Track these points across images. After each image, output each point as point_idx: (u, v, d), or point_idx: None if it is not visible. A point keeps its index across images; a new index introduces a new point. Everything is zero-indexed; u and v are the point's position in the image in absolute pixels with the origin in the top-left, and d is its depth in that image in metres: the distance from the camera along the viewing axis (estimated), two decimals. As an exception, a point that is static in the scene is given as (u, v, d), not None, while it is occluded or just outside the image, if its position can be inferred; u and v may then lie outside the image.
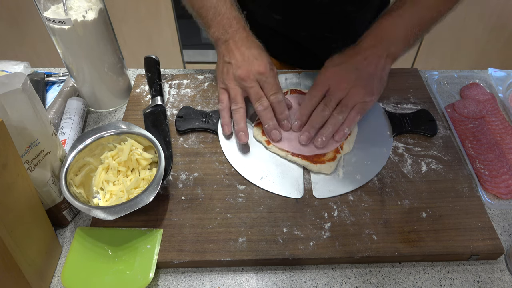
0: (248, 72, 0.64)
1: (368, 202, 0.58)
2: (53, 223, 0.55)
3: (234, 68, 0.65)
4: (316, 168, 0.61)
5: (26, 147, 0.49)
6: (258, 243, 0.53)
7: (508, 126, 0.69)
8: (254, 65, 0.64)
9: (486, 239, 0.53)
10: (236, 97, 0.65)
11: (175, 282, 0.52)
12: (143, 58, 0.78)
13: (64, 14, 0.61)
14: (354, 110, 0.63)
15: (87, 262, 0.52)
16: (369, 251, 0.52)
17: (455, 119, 0.71)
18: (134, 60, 1.89)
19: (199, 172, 0.62)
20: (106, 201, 0.57)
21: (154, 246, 0.53)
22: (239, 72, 0.64)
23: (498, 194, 0.60)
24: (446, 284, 0.52)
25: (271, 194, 0.59)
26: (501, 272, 0.53)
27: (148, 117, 0.70)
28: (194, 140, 0.67)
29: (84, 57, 0.67)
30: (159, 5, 1.73)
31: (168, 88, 0.77)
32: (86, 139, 0.58)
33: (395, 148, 0.66)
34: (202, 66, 2.02)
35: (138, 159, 0.59)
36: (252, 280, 0.52)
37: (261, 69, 0.64)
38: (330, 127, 0.63)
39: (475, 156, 0.64)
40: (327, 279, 0.52)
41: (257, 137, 0.66)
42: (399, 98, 0.74)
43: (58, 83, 0.82)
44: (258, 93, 0.64)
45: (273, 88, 0.64)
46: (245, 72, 0.64)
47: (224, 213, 0.57)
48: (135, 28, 1.82)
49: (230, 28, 0.67)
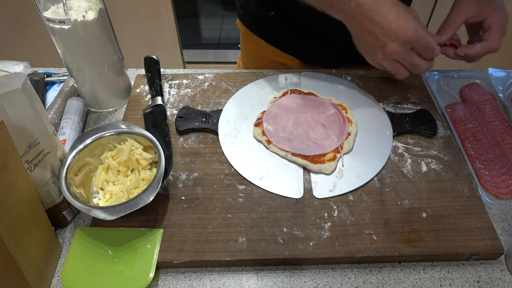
0: (397, 46, 0.58)
1: (368, 202, 0.58)
2: (53, 223, 0.55)
3: (380, 46, 0.59)
4: (316, 168, 0.61)
5: (26, 147, 0.49)
6: (258, 243, 0.53)
7: (508, 126, 0.69)
8: (399, 35, 0.57)
9: (486, 239, 0.53)
10: (399, 72, 0.62)
11: (175, 282, 0.52)
12: (143, 58, 0.78)
13: (64, 14, 0.61)
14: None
15: (87, 262, 0.52)
16: (369, 251, 0.52)
17: (455, 119, 0.71)
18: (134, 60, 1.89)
19: (199, 172, 0.62)
20: (106, 201, 0.57)
21: (154, 246, 0.53)
22: (388, 50, 0.58)
23: (498, 194, 0.60)
24: (446, 284, 0.52)
25: (271, 194, 0.59)
26: (501, 272, 0.53)
27: (148, 117, 0.70)
28: (194, 140, 0.67)
29: (84, 57, 0.67)
30: (159, 5, 1.73)
31: (168, 88, 0.77)
32: (86, 139, 0.58)
33: (395, 148, 0.66)
34: (202, 66, 2.02)
35: (138, 159, 0.59)
36: (252, 280, 0.52)
37: (408, 37, 0.57)
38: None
39: (475, 156, 0.64)
40: (327, 279, 0.52)
41: (257, 137, 0.66)
42: (399, 98, 0.74)
43: (58, 83, 0.82)
44: (413, 61, 0.59)
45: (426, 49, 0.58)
46: (393, 48, 0.58)
47: (224, 213, 0.57)
48: (135, 28, 1.82)
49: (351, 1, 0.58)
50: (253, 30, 0.90)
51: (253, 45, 0.93)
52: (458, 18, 0.66)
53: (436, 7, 1.68)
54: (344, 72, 0.79)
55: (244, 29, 0.93)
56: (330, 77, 0.78)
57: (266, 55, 0.91)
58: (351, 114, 0.70)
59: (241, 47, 1.00)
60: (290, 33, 0.85)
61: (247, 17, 0.90)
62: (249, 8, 0.89)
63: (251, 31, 0.90)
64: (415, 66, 0.60)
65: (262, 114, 0.70)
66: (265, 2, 0.85)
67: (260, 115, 0.70)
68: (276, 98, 0.73)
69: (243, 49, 1.00)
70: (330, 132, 0.66)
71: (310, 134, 0.66)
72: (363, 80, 0.78)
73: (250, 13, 0.89)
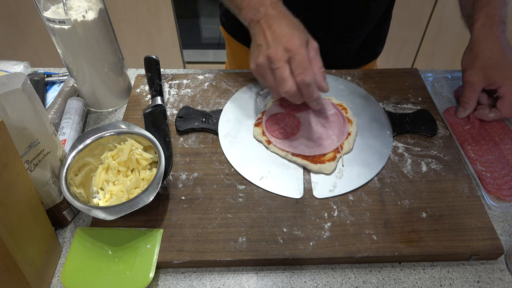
0: (275, 51, 0.57)
1: (368, 202, 0.58)
2: (53, 223, 0.55)
3: (264, 49, 0.58)
4: (316, 168, 0.61)
5: (26, 147, 0.49)
6: (258, 243, 0.53)
7: (505, 127, 0.69)
8: (284, 42, 0.57)
9: (486, 239, 0.53)
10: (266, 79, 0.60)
11: (175, 282, 0.52)
12: (143, 58, 0.78)
13: (64, 14, 0.61)
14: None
15: (87, 262, 0.52)
16: (369, 251, 0.52)
17: (453, 123, 0.71)
18: (134, 60, 1.89)
19: (199, 172, 0.62)
20: (106, 201, 0.57)
21: (154, 246, 0.53)
22: (269, 52, 0.57)
23: (501, 196, 0.60)
24: (446, 284, 0.52)
25: (271, 194, 0.59)
26: (501, 272, 0.53)
27: (148, 117, 0.70)
28: (194, 140, 0.67)
29: (84, 57, 0.67)
30: (159, 5, 1.73)
31: (168, 88, 0.77)
32: (86, 139, 0.58)
33: (395, 148, 0.66)
34: (202, 66, 2.02)
35: (138, 159, 0.59)
36: (252, 280, 0.52)
37: (291, 45, 0.56)
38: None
39: (475, 159, 0.64)
40: (327, 279, 0.52)
41: (257, 137, 0.66)
42: (399, 98, 0.74)
43: (58, 83, 0.82)
44: (281, 75, 0.56)
45: (299, 67, 0.56)
46: (273, 51, 0.57)
47: (224, 213, 0.57)
48: (135, 28, 1.82)
49: (262, 6, 0.61)
50: (236, 37, 0.90)
51: (237, 51, 0.93)
52: (473, 94, 0.68)
53: (436, 7, 1.68)
54: (344, 72, 0.79)
55: (227, 35, 0.93)
56: (330, 77, 0.78)
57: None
58: (351, 114, 0.70)
59: (227, 53, 1.01)
60: None
61: (228, 23, 0.90)
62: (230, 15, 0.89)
63: (234, 37, 0.90)
64: (281, 81, 0.56)
65: (262, 114, 0.70)
66: None
67: (260, 115, 0.70)
68: (276, 98, 0.73)
69: (228, 55, 1.00)
70: (330, 132, 0.66)
71: (310, 134, 0.66)
72: (363, 80, 0.78)
73: (232, 20, 0.89)
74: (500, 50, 0.66)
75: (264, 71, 0.59)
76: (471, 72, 0.68)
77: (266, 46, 0.58)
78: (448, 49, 1.84)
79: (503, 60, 0.65)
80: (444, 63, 1.89)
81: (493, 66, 0.66)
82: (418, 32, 1.80)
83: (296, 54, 0.56)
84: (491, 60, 0.66)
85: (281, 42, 0.57)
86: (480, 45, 0.67)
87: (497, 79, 0.65)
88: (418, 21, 1.76)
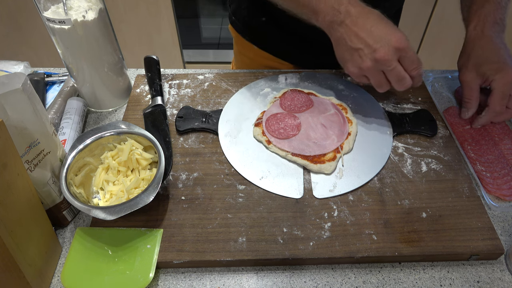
0: (386, 53, 0.56)
1: (368, 202, 0.58)
2: (53, 223, 0.55)
3: (368, 52, 0.57)
4: (316, 168, 0.61)
5: (26, 147, 0.49)
6: (258, 243, 0.53)
7: (505, 127, 0.69)
8: (391, 41, 0.56)
9: (486, 239, 0.53)
10: (382, 85, 0.61)
11: (175, 282, 0.52)
12: (143, 58, 0.78)
13: (64, 14, 0.61)
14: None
15: (87, 262, 0.52)
16: (369, 251, 0.52)
17: (452, 123, 0.71)
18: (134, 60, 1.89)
19: (199, 172, 0.62)
20: (106, 201, 0.57)
21: (154, 246, 0.53)
22: (378, 56, 0.57)
23: (501, 196, 0.60)
24: (446, 284, 0.52)
25: (271, 194, 0.59)
26: (501, 272, 0.53)
27: (148, 117, 0.70)
28: (194, 140, 0.67)
29: (84, 57, 0.67)
30: (159, 5, 1.73)
31: (168, 88, 0.77)
32: (86, 139, 0.58)
33: (395, 148, 0.66)
34: (202, 66, 2.02)
35: (138, 159, 0.59)
36: (252, 280, 0.52)
37: (400, 44, 0.56)
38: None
39: (475, 158, 0.64)
40: (327, 279, 0.52)
41: (257, 137, 0.66)
42: (399, 98, 0.74)
43: (58, 83, 0.82)
44: (399, 74, 0.58)
45: (414, 63, 0.58)
46: (383, 53, 0.56)
47: (224, 213, 0.57)
48: (135, 28, 1.82)
49: (341, 5, 0.58)
50: (245, 36, 0.90)
51: (245, 50, 0.93)
52: (472, 92, 0.68)
53: (436, 7, 1.68)
54: (345, 72, 0.79)
55: (236, 34, 0.93)
56: (330, 77, 0.78)
57: (258, 60, 0.91)
58: (351, 114, 0.70)
59: (234, 52, 1.01)
60: (282, 39, 0.85)
61: (238, 22, 0.90)
62: (240, 14, 0.89)
63: (243, 36, 0.91)
64: (400, 79, 0.59)
65: (262, 114, 0.70)
66: (256, 8, 0.85)
67: (260, 115, 0.70)
68: (276, 98, 0.73)
69: (236, 54, 1.00)
70: (330, 132, 0.66)
71: (310, 134, 0.66)
72: (363, 80, 0.78)
73: (242, 19, 0.89)
74: (491, 46, 0.66)
75: (371, 73, 0.60)
76: (465, 71, 0.68)
77: (369, 49, 0.57)
78: (448, 49, 1.83)
79: (494, 56, 0.66)
80: (444, 63, 1.89)
81: (484, 62, 0.66)
82: (418, 32, 1.80)
83: (408, 52, 0.57)
84: (482, 57, 0.67)
85: (387, 42, 0.56)
86: (471, 45, 0.68)
87: (489, 74, 0.65)
88: (418, 21, 1.76)
